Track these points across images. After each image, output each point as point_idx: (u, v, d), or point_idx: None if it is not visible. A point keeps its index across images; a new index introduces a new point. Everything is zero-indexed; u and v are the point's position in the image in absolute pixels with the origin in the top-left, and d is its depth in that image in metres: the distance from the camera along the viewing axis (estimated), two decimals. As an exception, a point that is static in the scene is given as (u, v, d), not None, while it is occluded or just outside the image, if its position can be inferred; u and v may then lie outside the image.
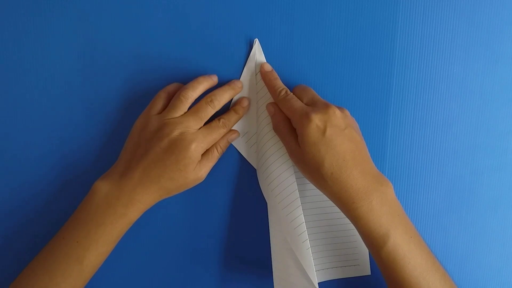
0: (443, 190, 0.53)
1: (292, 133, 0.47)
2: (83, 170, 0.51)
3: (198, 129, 0.47)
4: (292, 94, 0.48)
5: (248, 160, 0.52)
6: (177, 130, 0.45)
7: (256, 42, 0.50)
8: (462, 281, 0.54)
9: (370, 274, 0.53)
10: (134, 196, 0.45)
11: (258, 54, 0.50)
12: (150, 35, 0.50)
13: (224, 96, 0.48)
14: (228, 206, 0.53)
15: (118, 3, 0.49)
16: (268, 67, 0.50)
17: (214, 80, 0.49)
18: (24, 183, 0.51)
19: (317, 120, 0.44)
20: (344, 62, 0.51)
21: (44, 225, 0.51)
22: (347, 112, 0.47)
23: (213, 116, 0.48)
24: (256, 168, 0.52)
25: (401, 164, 0.53)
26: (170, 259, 0.53)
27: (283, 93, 0.48)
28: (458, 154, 0.53)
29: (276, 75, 0.50)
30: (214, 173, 0.52)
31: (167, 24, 0.50)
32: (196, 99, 0.48)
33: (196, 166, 0.46)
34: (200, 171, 0.47)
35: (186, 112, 0.47)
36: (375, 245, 0.43)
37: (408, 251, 0.42)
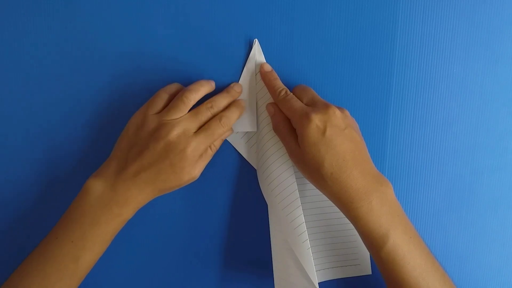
0: (443, 190, 0.53)
1: (292, 133, 0.47)
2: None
3: (196, 131, 0.46)
4: (292, 94, 0.48)
5: (248, 160, 0.52)
6: (175, 132, 0.45)
7: (256, 42, 0.50)
8: (462, 281, 0.54)
9: (371, 273, 0.53)
10: (129, 196, 0.44)
11: (258, 54, 0.50)
12: (150, 35, 0.50)
13: (223, 102, 0.48)
14: (228, 206, 0.53)
15: (118, 3, 0.49)
16: (268, 67, 0.50)
17: (212, 85, 0.49)
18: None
19: (317, 120, 0.44)
20: (344, 62, 0.51)
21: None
22: (347, 112, 0.47)
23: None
24: (256, 168, 0.52)
25: (401, 163, 0.53)
26: (170, 259, 0.53)
27: (283, 93, 0.48)
28: (458, 154, 0.53)
29: (276, 75, 0.50)
30: (214, 173, 0.52)
31: (167, 24, 0.49)
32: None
33: (191, 168, 0.46)
34: (194, 171, 0.46)
35: (185, 114, 0.46)
36: (375, 245, 0.43)
37: (407, 252, 0.42)
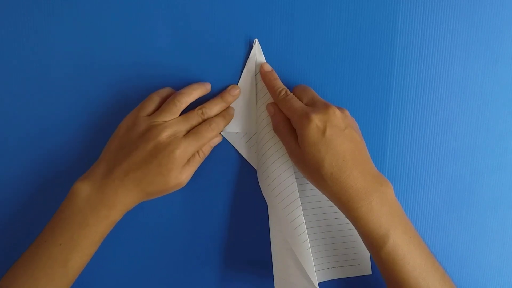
0: (443, 190, 0.53)
1: (292, 133, 0.47)
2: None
3: (185, 134, 0.46)
4: (292, 94, 0.48)
5: (248, 160, 0.52)
6: (165, 134, 0.44)
7: (256, 42, 0.50)
8: (462, 281, 0.54)
9: (371, 273, 0.53)
10: (116, 198, 0.44)
11: (258, 54, 0.50)
12: (150, 35, 0.50)
13: (215, 108, 0.48)
14: (228, 206, 0.53)
15: (118, 3, 0.49)
16: (268, 67, 0.50)
17: (207, 88, 0.49)
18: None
19: (317, 120, 0.44)
20: (344, 62, 0.51)
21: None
22: (347, 112, 0.47)
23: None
24: (256, 168, 0.52)
25: (401, 164, 0.53)
26: (170, 259, 0.53)
27: (283, 93, 0.48)
28: (458, 154, 0.53)
29: (276, 75, 0.50)
30: (214, 173, 0.52)
31: (167, 24, 0.49)
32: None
33: (178, 172, 0.45)
34: (181, 176, 0.46)
35: (177, 117, 0.46)
36: (375, 245, 0.43)
37: (407, 252, 0.42)
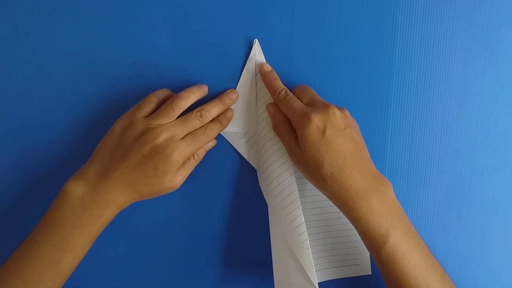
0: (443, 190, 0.53)
1: (292, 133, 0.47)
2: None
3: (182, 137, 0.46)
4: (292, 94, 0.48)
5: (248, 160, 0.52)
6: (162, 137, 0.44)
7: (256, 42, 0.50)
8: (462, 281, 0.54)
9: (371, 273, 0.53)
10: (109, 198, 0.44)
11: (257, 54, 0.50)
12: (149, 35, 0.50)
13: (213, 111, 0.48)
14: (228, 206, 0.53)
15: (117, 3, 0.49)
16: (267, 67, 0.50)
17: (205, 90, 0.49)
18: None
19: (317, 120, 0.44)
20: (344, 62, 0.51)
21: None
22: (347, 112, 0.47)
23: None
24: (256, 168, 0.52)
25: (401, 163, 0.53)
26: (170, 259, 0.53)
27: (283, 93, 0.48)
28: (458, 154, 0.53)
29: (275, 75, 0.50)
30: (214, 173, 0.52)
31: (167, 24, 0.49)
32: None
33: (173, 175, 0.45)
34: (176, 179, 0.46)
35: (174, 120, 0.46)
36: (375, 245, 0.43)
37: (407, 252, 0.42)
